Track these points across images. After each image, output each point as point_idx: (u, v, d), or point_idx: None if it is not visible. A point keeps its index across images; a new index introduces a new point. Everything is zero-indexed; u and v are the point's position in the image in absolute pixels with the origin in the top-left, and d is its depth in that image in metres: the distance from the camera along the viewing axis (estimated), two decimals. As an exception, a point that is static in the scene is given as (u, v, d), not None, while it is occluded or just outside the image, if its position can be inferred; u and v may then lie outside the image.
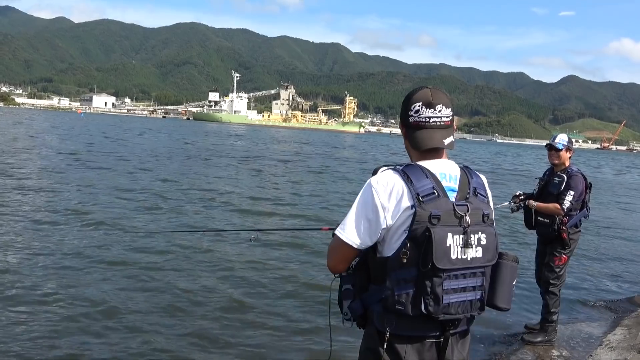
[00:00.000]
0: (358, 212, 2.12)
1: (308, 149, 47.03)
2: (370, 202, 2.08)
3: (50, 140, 32.21)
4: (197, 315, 5.83)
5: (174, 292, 6.46)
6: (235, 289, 6.80)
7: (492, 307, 2.21)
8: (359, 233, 2.10)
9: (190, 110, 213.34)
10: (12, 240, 8.27)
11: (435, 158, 2.19)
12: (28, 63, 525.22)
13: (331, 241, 2.28)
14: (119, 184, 15.18)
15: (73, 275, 6.82)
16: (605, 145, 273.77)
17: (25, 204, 11.30)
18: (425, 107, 2.16)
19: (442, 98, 2.19)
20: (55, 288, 6.30)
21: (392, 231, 2.08)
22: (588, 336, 5.87)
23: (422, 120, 2.17)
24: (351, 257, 2.19)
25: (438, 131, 2.18)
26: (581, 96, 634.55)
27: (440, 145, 2.17)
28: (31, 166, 17.96)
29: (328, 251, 2.29)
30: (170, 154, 28.24)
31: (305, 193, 16.76)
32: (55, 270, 6.94)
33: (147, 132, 56.35)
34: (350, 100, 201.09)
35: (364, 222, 2.09)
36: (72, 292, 6.20)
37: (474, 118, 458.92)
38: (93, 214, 10.67)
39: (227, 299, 6.37)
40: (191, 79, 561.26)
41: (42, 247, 8.00)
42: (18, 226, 9.25)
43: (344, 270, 2.23)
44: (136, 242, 8.73)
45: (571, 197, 5.13)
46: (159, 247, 8.57)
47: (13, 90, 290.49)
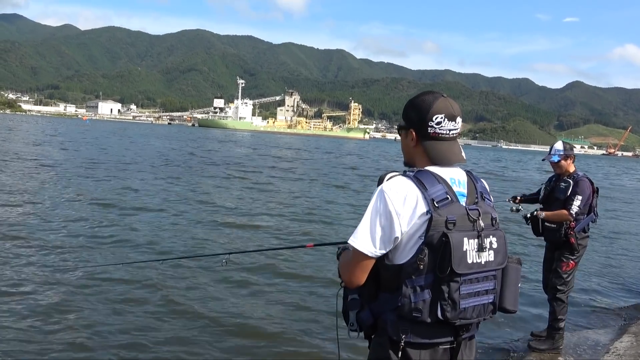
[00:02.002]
0: (372, 220, 2.08)
1: (318, 156, 46.70)
2: (384, 210, 2.05)
3: (50, 152, 32.12)
4: (188, 329, 5.75)
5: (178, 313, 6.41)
6: (232, 307, 6.54)
7: (500, 310, 2.22)
8: (374, 241, 2.06)
9: (195, 117, 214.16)
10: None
11: (447, 166, 2.17)
12: (35, 70, 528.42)
13: (343, 254, 2.26)
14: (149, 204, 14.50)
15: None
16: (610, 151, 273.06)
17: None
18: (448, 119, 2.14)
19: (458, 109, 2.18)
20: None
21: (406, 238, 2.05)
22: (595, 343, 5.82)
23: (443, 133, 2.15)
24: (369, 266, 2.12)
25: (455, 143, 2.18)
26: (586, 102, 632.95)
27: (462, 161, 2.18)
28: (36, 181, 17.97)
29: (341, 265, 2.25)
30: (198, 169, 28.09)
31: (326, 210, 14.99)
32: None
33: (162, 144, 53.69)
34: (354, 107, 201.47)
35: (379, 230, 2.05)
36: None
37: (478, 124, 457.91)
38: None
39: (224, 317, 6.12)
40: (196, 85, 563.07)
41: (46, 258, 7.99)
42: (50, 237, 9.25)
43: (362, 282, 2.15)
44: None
45: (579, 202, 5.12)
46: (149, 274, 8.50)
47: (20, 97, 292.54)
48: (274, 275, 7.83)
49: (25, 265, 7.32)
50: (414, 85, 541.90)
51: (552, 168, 5.43)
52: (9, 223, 9.83)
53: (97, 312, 5.86)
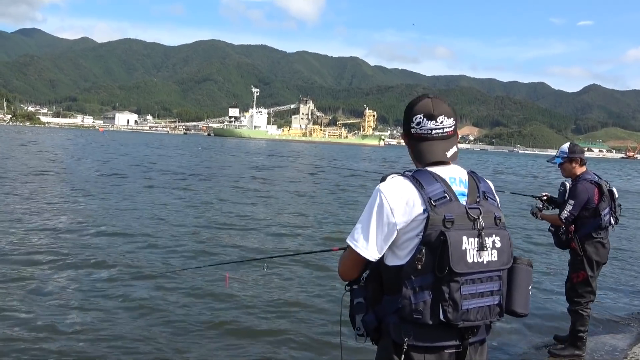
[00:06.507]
0: (369, 219, 2.08)
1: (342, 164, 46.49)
2: (380, 209, 2.05)
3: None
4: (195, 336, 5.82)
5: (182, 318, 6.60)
6: (237, 312, 6.50)
7: (509, 313, 2.17)
8: (370, 241, 2.06)
9: (210, 127, 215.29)
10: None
11: (443, 165, 2.16)
12: (53, 83, 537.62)
13: (344, 251, 2.28)
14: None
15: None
16: (630, 154, 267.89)
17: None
18: (426, 119, 2.14)
19: (443, 108, 2.16)
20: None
21: (404, 237, 2.04)
22: (612, 349, 5.82)
23: (424, 133, 2.15)
24: (361, 264, 2.15)
25: (440, 143, 2.16)
26: (604, 105, 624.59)
27: (442, 158, 2.15)
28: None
29: (339, 260, 2.29)
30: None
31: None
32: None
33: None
34: (369, 114, 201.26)
35: (374, 230, 2.06)
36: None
37: (494, 129, 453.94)
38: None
39: (229, 322, 6.13)
40: (211, 95, 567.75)
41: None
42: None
43: (354, 277, 2.20)
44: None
45: (570, 207, 5.05)
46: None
47: (39, 110, 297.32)
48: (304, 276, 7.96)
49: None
50: (428, 91, 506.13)
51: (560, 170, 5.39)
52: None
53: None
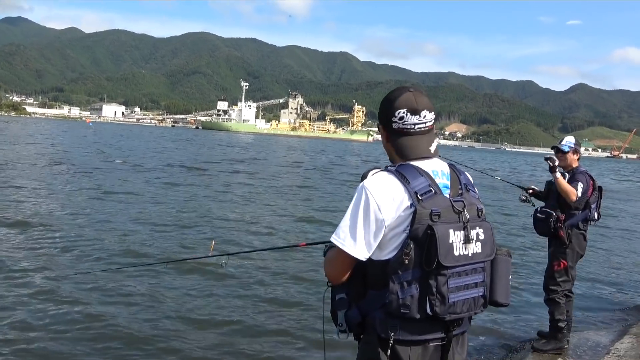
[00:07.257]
0: (355, 217, 2.04)
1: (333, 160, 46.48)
2: (367, 206, 2.01)
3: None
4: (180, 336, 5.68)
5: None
6: (220, 310, 6.41)
7: (491, 303, 2.17)
8: (356, 239, 2.02)
9: (199, 120, 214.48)
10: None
11: (425, 159, 2.14)
12: (39, 73, 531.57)
13: (329, 251, 2.21)
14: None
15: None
16: (615, 153, 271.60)
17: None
18: (410, 113, 2.11)
19: (425, 102, 2.14)
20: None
21: (391, 233, 2.02)
22: (595, 344, 5.78)
23: (407, 127, 2.12)
24: (351, 264, 2.10)
25: (424, 137, 2.14)
26: (591, 104, 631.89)
27: (427, 153, 2.14)
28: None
29: (325, 261, 2.22)
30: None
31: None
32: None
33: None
34: (358, 109, 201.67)
35: (361, 227, 2.02)
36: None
37: (482, 126, 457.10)
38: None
39: (215, 321, 6.04)
40: (200, 88, 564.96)
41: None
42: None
43: (344, 279, 2.14)
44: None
45: (580, 188, 5.09)
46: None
47: (24, 100, 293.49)
48: (267, 275, 7.84)
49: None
50: (418, 87, 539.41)
51: (558, 159, 5.32)
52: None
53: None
